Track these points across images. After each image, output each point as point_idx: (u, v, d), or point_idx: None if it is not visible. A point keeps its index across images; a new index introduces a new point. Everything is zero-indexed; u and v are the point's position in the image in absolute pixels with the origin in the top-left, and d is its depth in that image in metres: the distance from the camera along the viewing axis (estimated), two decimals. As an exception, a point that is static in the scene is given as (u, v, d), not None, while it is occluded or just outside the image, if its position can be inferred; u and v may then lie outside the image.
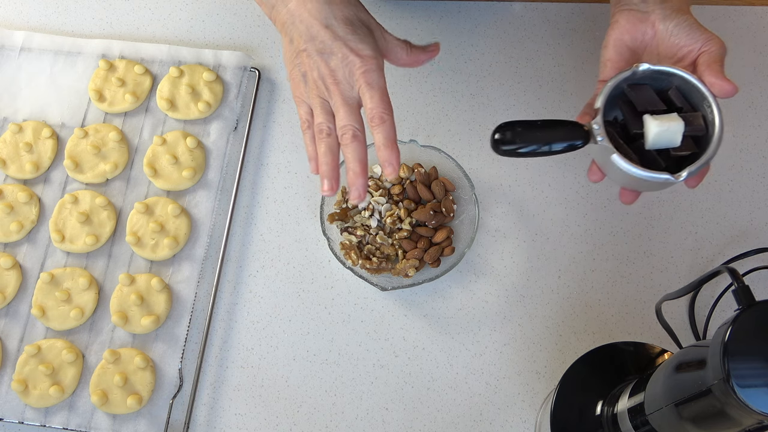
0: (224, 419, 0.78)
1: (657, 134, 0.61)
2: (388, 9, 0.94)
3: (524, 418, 0.77)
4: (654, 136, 0.62)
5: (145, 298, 0.80)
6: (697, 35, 0.64)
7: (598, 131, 0.62)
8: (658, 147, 0.63)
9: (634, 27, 0.66)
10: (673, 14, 0.65)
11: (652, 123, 0.61)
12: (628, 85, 0.64)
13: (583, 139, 0.62)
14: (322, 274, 0.83)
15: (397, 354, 0.80)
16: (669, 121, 0.61)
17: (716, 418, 0.51)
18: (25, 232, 0.84)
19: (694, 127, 0.62)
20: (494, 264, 0.82)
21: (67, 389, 0.78)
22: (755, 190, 0.84)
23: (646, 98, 0.64)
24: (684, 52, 0.65)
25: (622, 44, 0.66)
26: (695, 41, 0.64)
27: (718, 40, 0.65)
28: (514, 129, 0.61)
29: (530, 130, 0.61)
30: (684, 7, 0.67)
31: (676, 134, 0.62)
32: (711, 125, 0.63)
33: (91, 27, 0.95)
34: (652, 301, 0.80)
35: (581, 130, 0.62)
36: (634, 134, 0.63)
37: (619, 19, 0.67)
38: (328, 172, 0.65)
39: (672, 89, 0.64)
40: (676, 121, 0.62)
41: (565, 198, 0.85)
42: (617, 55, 0.66)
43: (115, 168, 0.86)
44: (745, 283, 0.52)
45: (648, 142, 0.62)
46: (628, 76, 0.64)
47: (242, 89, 0.89)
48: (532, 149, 0.61)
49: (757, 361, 0.47)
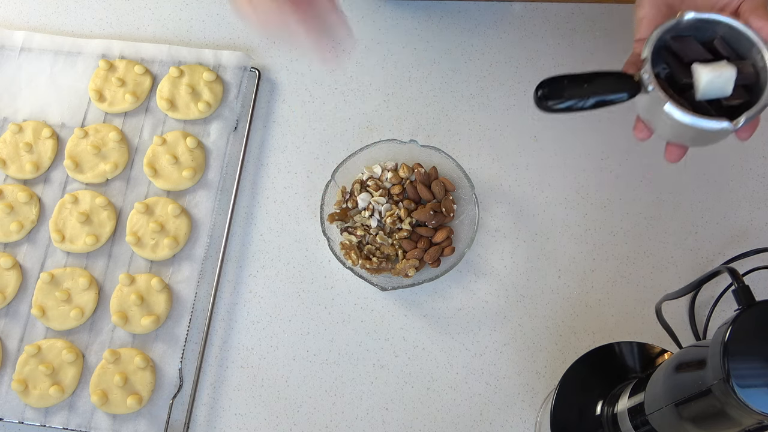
0: (224, 419, 0.78)
1: (708, 82, 0.59)
2: (388, 9, 0.94)
3: (524, 418, 0.77)
4: (705, 85, 0.59)
5: (145, 298, 0.80)
6: None
7: (648, 80, 0.59)
8: (708, 97, 0.60)
9: None
10: None
11: (703, 71, 0.59)
12: (671, 38, 0.62)
13: (633, 89, 0.59)
14: (322, 274, 0.83)
15: (397, 354, 0.80)
16: (720, 69, 0.59)
17: (716, 418, 0.51)
18: (25, 232, 0.84)
19: (745, 75, 0.60)
20: (494, 264, 0.82)
21: (67, 389, 0.78)
22: (755, 190, 0.84)
23: (691, 49, 0.61)
24: (725, 1, 0.62)
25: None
26: None
27: None
28: (560, 83, 0.59)
29: (577, 82, 0.59)
30: None
31: (728, 82, 0.59)
32: (763, 71, 0.60)
33: (91, 27, 0.95)
34: (652, 301, 0.80)
35: (630, 80, 0.59)
36: (683, 85, 0.61)
37: None
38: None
39: (717, 39, 0.62)
40: (728, 68, 0.59)
41: (565, 198, 0.85)
42: (654, 9, 0.63)
43: (115, 168, 0.86)
44: (745, 283, 0.52)
45: (699, 91, 0.59)
46: (672, 26, 0.61)
47: (242, 89, 0.89)
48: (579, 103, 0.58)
49: (757, 361, 0.47)
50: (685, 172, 0.85)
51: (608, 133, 0.87)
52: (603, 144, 0.86)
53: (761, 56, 0.60)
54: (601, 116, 0.87)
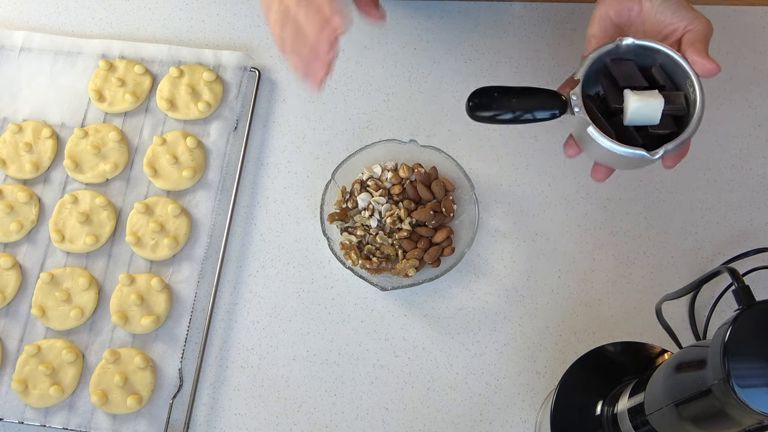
0: (224, 419, 0.78)
1: (635, 109, 0.60)
2: (388, 9, 0.93)
3: (524, 418, 0.77)
4: (632, 112, 0.60)
5: (145, 298, 0.80)
6: (683, 14, 0.63)
7: (575, 102, 0.61)
8: (636, 123, 0.61)
9: (620, 3, 0.65)
10: None
11: (632, 98, 0.60)
12: (611, 60, 0.63)
13: (560, 108, 0.61)
14: (322, 274, 0.83)
15: (397, 354, 0.80)
16: (648, 98, 0.60)
17: (716, 418, 0.51)
18: (25, 232, 0.84)
19: (675, 105, 0.61)
20: (494, 264, 0.82)
21: (67, 389, 0.78)
22: (755, 190, 0.84)
23: (628, 73, 0.62)
24: (669, 30, 0.64)
25: (608, 20, 0.65)
26: (681, 19, 0.63)
27: (704, 20, 0.64)
28: (490, 95, 0.60)
29: (506, 96, 0.60)
30: None
31: (656, 111, 0.60)
32: (693, 105, 0.61)
33: (91, 27, 0.95)
34: (652, 301, 0.80)
35: (559, 99, 0.61)
36: (614, 109, 0.62)
37: None
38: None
39: (655, 66, 0.63)
40: (656, 98, 0.60)
41: (565, 198, 0.85)
42: (602, 30, 0.65)
43: (115, 168, 0.86)
44: (745, 283, 0.52)
45: (626, 117, 0.61)
46: (611, 50, 0.62)
47: (242, 89, 0.89)
48: (507, 116, 0.60)
49: (757, 361, 0.47)
50: (685, 172, 0.85)
51: (608, 133, 0.87)
52: (603, 144, 0.86)
53: (693, 89, 0.61)
54: (601, 116, 0.87)
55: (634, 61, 0.63)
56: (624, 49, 0.62)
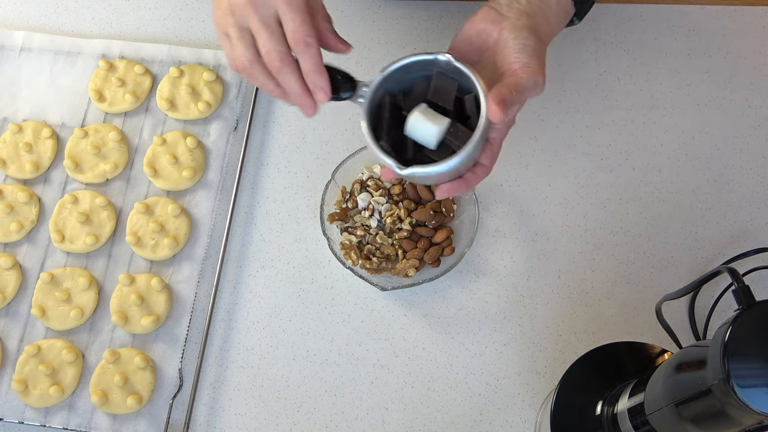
0: (224, 419, 0.78)
1: (411, 124, 0.60)
2: (388, 9, 0.94)
3: (524, 418, 0.77)
4: (409, 125, 0.60)
5: (145, 298, 0.80)
6: (522, 57, 0.61)
7: (364, 92, 0.61)
8: (414, 138, 0.61)
9: (485, 25, 0.63)
10: (522, 30, 0.62)
11: (414, 113, 0.59)
12: (437, 71, 0.62)
13: (350, 91, 0.61)
14: (322, 274, 0.83)
15: (397, 354, 0.80)
16: (428, 120, 0.59)
17: (716, 418, 0.51)
18: (25, 232, 0.84)
19: (460, 141, 0.59)
20: (494, 264, 0.82)
21: (67, 389, 0.78)
22: (755, 190, 0.84)
23: (442, 90, 0.61)
24: (504, 69, 0.62)
25: (468, 37, 0.64)
26: (515, 62, 0.61)
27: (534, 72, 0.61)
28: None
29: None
30: (539, 31, 0.64)
31: (431, 135, 0.59)
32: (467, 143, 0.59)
33: (91, 27, 0.95)
34: (652, 301, 0.80)
35: (350, 83, 0.61)
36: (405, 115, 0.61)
37: (479, 11, 0.65)
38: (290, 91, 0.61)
39: (470, 96, 0.61)
40: (437, 123, 0.59)
41: (565, 198, 0.85)
42: (460, 45, 0.64)
43: (115, 168, 0.86)
44: (745, 283, 0.52)
45: (406, 127, 0.60)
46: (430, 60, 0.61)
47: (242, 89, 0.89)
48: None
49: (757, 361, 0.47)
50: (685, 172, 0.85)
51: (608, 133, 0.87)
52: (603, 144, 0.86)
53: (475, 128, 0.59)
54: (602, 116, 0.87)
55: (458, 82, 0.62)
56: (443, 65, 0.61)
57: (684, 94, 0.88)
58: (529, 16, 0.64)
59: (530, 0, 0.64)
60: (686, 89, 0.88)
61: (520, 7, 0.64)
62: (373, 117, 0.62)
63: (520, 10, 0.64)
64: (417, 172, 0.59)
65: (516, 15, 0.63)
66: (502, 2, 0.64)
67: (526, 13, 0.64)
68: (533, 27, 0.63)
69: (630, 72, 0.89)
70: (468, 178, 0.62)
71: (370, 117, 0.61)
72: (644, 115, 0.87)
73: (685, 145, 0.86)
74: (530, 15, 0.64)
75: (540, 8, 0.65)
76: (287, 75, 0.60)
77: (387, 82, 0.62)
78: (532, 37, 0.62)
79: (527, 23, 0.63)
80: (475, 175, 0.63)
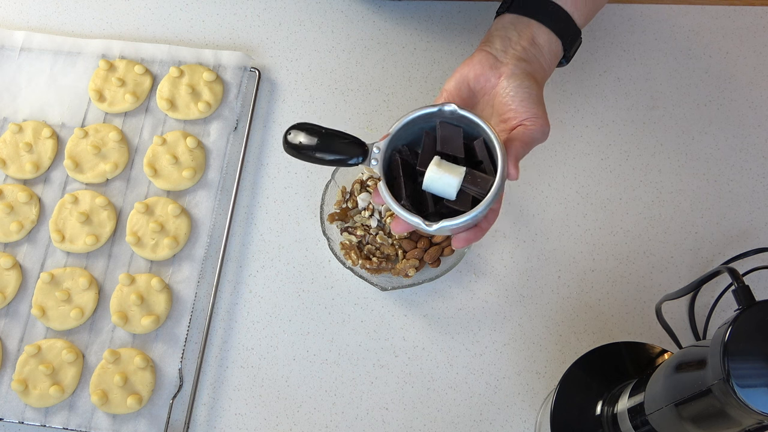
0: (224, 419, 0.78)
1: (430, 179, 0.59)
2: (388, 9, 0.94)
3: (524, 418, 0.77)
4: (427, 180, 0.59)
5: (145, 298, 0.80)
6: (528, 106, 0.62)
7: (376, 155, 0.61)
8: (432, 192, 0.60)
9: (483, 70, 0.64)
10: (522, 76, 0.63)
11: (431, 166, 0.59)
12: (440, 121, 0.62)
13: (361, 156, 0.61)
14: (322, 274, 0.83)
15: (397, 354, 0.80)
16: (446, 171, 0.59)
17: (716, 418, 0.51)
18: (25, 232, 0.84)
19: (477, 187, 0.59)
20: (494, 264, 0.82)
21: (67, 389, 0.78)
22: (755, 190, 0.84)
23: (449, 139, 0.61)
24: (509, 116, 0.63)
25: (465, 81, 0.65)
26: (523, 111, 0.62)
27: (543, 123, 0.62)
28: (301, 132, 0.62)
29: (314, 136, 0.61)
30: (537, 76, 0.65)
31: (450, 186, 0.59)
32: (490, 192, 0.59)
33: (91, 27, 0.95)
34: (652, 301, 0.80)
35: (361, 149, 0.61)
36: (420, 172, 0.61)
37: (475, 55, 0.65)
38: None
39: (479, 140, 0.61)
40: (454, 173, 0.59)
41: (565, 198, 0.85)
42: (456, 88, 0.65)
43: (115, 168, 0.86)
44: (745, 283, 0.52)
45: (424, 183, 0.60)
46: (433, 113, 0.61)
47: (242, 89, 0.89)
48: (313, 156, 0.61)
49: (757, 361, 0.47)
50: (685, 172, 0.85)
51: (608, 133, 0.87)
52: (603, 144, 0.86)
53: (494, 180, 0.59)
54: (602, 117, 0.87)
55: (463, 129, 0.62)
56: (448, 115, 0.61)
57: (684, 94, 0.88)
58: (527, 62, 0.65)
59: (524, 46, 0.65)
60: (686, 89, 0.88)
61: (516, 53, 0.65)
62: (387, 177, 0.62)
63: (516, 56, 0.65)
64: (446, 225, 0.59)
65: (513, 61, 0.64)
66: (497, 47, 0.65)
67: (522, 59, 0.65)
68: (531, 73, 0.64)
69: (630, 72, 0.89)
70: (482, 226, 0.63)
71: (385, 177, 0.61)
72: (644, 115, 0.87)
73: (685, 145, 0.86)
74: (527, 61, 0.65)
75: (534, 54, 0.66)
76: None
77: (394, 140, 0.62)
78: (534, 84, 0.63)
79: (526, 69, 0.64)
80: (487, 221, 0.63)
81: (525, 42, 0.66)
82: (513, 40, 0.65)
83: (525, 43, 0.65)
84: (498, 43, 0.66)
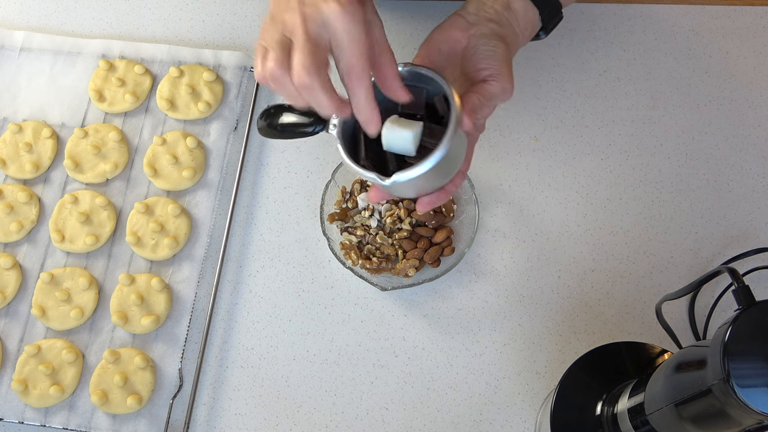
0: (224, 419, 0.78)
1: (387, 137, 0.58)
2: (388, 9, 0.94)
3: (524, 418, 0.77)
4: (385, 139, 0.58)
5: (145, 298, 0.80)
6: (491, 63, 0.62)
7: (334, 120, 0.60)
8: (393, 150, 0.59)
9: (453, 32, 0.64)
10: (490, 36, 0.63)
11: (386, 124, 0.58)
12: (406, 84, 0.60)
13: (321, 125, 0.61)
14: (322, 274, 0.83)
15: (397, 354, 0.80)
16: (401, 127, 0.58)
17: (716, 418, 0.51)
18: (25, 232, 0.84)
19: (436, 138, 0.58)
20: (494, 264, 0.82)
21: (67, 389, 0.78)
22: (755, 190, 0.84)
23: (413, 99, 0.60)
24: (473, 75, 0.63)
25: (436, 45, 0.65)
26: (486, 68, 0.62)
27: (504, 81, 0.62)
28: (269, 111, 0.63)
29: (279, 112, 0.63)
30: (507, 39, 0.64)
31: (407, 141, 0.58)
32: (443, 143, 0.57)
33: (91, 27, 0.95)
34: (652, 301, 0.80)
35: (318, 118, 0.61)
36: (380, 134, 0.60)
37: (448, 20, 0.66)
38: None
39: (439, 96, 0.60)
40: (409, 128, 0.57)
41: (565, 198, 0.85)
42: (426, 53, 0.65)
43: (115, 168, 0.86)
44: (745, 283, 0.52)
45: (383, 142, 0.59)
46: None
47: (242, 89, 0.89)
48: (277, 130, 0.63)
49: (757, 361, 0.47)
50: (685, 172, 0.85)
51: (608, 133, 0.87)
52: (603, 144, 0.86)
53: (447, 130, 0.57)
54: (602, 116, 0.87)
55: (427, 90, 0.61)
56: (405, 75, 0.60)
57: (684, 94, 0.88)
58: (497, 23, 0.65)
59: (497, 9, 0.66)
60: (686, 89, 0.88)
61: (487, 15, 0.65)
62: (350, 142, 0.61)
63: (487, 17, 0.65)
64: (400, 177, 0.57)
65: (483, 22, 0.64)
66: (470, 11, 0.66)
67: (493, 20, 0.65)
68: (501, 35, 0.64)
69: (630, 72, 0.89)
70: (447, 188, 0.62)
71: (347, 142, 0.61)
72: (644, 115, 0.87)
73: (685, 145, 0.86)
74: (498, 23, 0.65)
75: (507, 18, 0.66)
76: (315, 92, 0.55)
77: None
78: (501, 44, 0.63)
79: (495, 30, 0.64)
80: (453, 183, 0.63)
81: (498, 6, 0.66)
82: (487, 4, 0.66)
83: (498, 7, 0.66)
84: (471, 7, 0.66)
